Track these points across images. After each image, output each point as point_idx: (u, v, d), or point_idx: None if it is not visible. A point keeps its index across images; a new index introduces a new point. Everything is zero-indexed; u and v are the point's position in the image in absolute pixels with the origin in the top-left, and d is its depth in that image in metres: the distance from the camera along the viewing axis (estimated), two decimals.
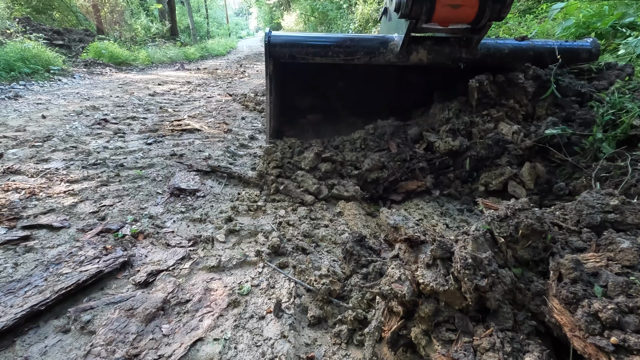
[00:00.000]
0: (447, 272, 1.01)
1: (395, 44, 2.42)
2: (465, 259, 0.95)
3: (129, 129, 3.78)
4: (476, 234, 1.02)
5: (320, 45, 2.41)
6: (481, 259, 0.96)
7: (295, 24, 21.99)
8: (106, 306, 1.35)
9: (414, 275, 1.06)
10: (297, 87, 3.05)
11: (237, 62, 13.12)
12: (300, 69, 2.60)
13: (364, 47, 2.43)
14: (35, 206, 2.05)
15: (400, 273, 1.09)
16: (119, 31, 15.02)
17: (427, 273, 1.03)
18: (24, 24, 10.11)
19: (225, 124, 4.14)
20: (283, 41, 2.39)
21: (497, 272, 0.96)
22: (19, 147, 3.01)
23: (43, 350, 1.17)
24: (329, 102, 3.27)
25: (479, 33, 2.28)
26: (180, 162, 2.84)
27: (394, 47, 2.41)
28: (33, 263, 1.58)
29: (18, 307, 1.29)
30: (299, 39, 2.44)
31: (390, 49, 2.42)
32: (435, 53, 2.42)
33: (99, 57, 9.91)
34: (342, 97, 3.24)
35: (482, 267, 0.96)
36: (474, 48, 2.42)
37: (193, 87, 6.91)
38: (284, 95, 2.90)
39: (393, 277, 1.10)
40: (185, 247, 1.74)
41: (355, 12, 13.42)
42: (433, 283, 0.99)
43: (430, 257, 1.06)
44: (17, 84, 5.98)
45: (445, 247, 1.03)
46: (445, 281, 0.98)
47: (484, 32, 2.27)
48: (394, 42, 2.44)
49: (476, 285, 0.92)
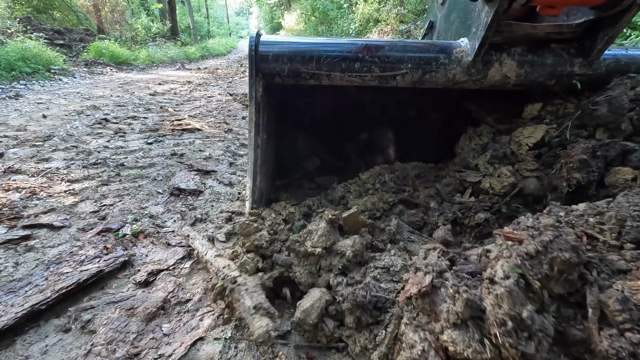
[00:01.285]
0: (480, 334, 0.81)
1: (463, 51, 1.54)
2: (504, 322, 0.76)
3: (129, 129, 3.78)
4: (510, 286, 0.80)
5: (338, 57, 1.53)
6: (523, 319, 0.78)
7: (296, 24, 21.98)
8: (107, 305, 1.35)
9: (439, 339, 0.86)
10: (300, 126, 2.26)
11: (238, 62, 13.12)
12: (303, 96, 1.94)
13: (412, 57, 1.54)
14: (36, 205, 2.05)
15: (420, 339, 0.89)
16: (119, 31, 15.03)
17: (456, 337, 0.83)
18: (25, 24, 10.12)
19: (225, 124, 4.14)
20: (279, 50, 1.53)
21: (542, 328, 0.78)
22: (20, 146, 3.01)
23: (44, 349, 1.17)
24: (347, 154, 2.37)
25: (606, 30, 1.43)
26: (181, 162, 2.84)
27: (461, 56, 1.53)
28: (34, 262, 1.58)
29: (19, 306, 1.29)
30: (305, 46, 1.56)
31: (456, 59, 1.54)
32: (530, 66, 1.55)
33: (100, 57, 9.92)
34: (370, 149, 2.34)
35: (525, 326, 0.78)
36: (596, 57, 1.53)
37: (193, 87, 6.92)
38: (281, 138, 2.11)
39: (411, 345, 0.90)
40: (185, 247, 1.74)
41: (355, 12, 13.41)
42: (468, 351, 0.80)
43: (457, 316, 0.84)
44: (17, 84, 5.99)
45: (475, 305, 0.83)
46: (481, 347, 0.79)
47: (619, 29, 1.41)
48: (460, 48, 1.55)
49: (522, 352, 0.75)
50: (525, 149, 1.65)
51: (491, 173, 1.68)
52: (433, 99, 2.17)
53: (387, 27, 10.21)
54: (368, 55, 1.54)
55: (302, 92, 2.06)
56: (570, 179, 1.43)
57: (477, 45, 1.45)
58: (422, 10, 8.77)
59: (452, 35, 1.74)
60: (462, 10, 1.65)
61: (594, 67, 1.56)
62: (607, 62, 1.59)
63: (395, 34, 9.23)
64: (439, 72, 1.57)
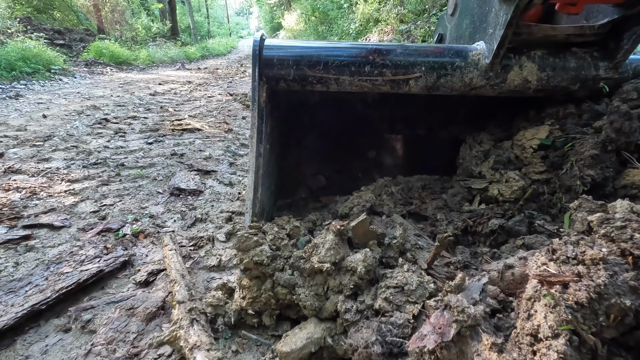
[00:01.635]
0: None
1: (479, 53, 1.48)
2: None
3: (129, 129, 3.78)
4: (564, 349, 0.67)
5: (347, 60, 1.48)
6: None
7: (296, 24, 21.98)
8: (107, 305, 1.35)
9: None
10: (304, 144, 2.16)
11: (238, 62, 13.13)
12: (307, 112, 1.88)
13: (426, 60, 1.48)
14: (36, 205, 2.05)
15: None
16: (119, 31, 15.04)
17: None
18: (25, 24, 10.13)
19: (226, 124, 4.14)
20: (284, 54, 1.49)
21: None
22: (20, 146, 3.02)
23: (44, 349, 1.17)
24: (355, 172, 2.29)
25: (633, 29, 1.34)
26: (181, 162, 2.84)
27: (478, 59, 1.47)
28: (34, 262, 1.58)
29: (19, 306, 1.29)
30: (311, 50, 1.51)
31: (473, 62, 1.47)
32: (552, 69, 1.48)
33: (100, 57, 9.93)
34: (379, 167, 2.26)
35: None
36: (622, 59, 1.45)
37: (194, 87, 6.92)
38: (284, 157, 2.00)
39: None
40: (185, 247, 1.74)
41: (356, 12, 13.41)
42: None
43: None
44: (18, 84, 5.99)
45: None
46: None
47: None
48: (477, 51, 1.49)
49: None
50: (530, 152, 1.60)
51: (498, 179, 1.61)
52: (444, 112, 2.10)
53: (388, 27, 10.20)
54: (379, 57, 1.48)
55: (306, 108, 2.01)
56: (583, 177, 1.35)
57: (495, 46, 1.37)
58: (422, 11, 8.76)
59: (465, 43, 1.71)
60: (477, 14, 1.61)
61: (621, 71, 1.48)
62: (634, 65, 1.50)
63: (396, 34, 9.23)
64: (454, 75, 1.50)
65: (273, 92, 1.58)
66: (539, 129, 1.63)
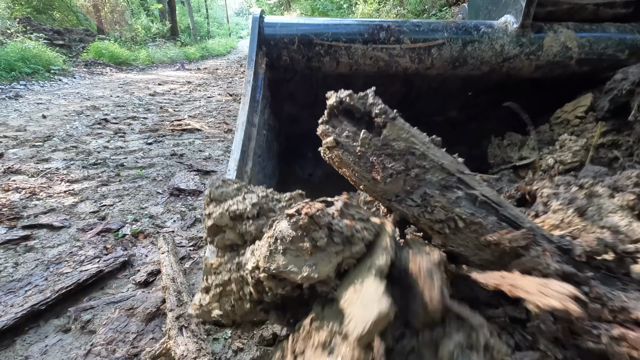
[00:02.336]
0: None
1: (506, 22, 1.36)
2: None
3: (129, 129, 3.78)
4: None
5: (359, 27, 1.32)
6: None
7: None
8: (106, 305, 1.35)
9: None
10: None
11: (238, 62, 13.13)
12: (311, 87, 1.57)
13: (449, 26, 1.32)
14: (36, 206, 2.05)
15: None
16: (119, 31, 15.04)
17: None
18: (25, 24, 10.12)
19: (225, 124, 4.14)
20: (289, 21, 1.37)
21: None
22: (20, 146, 3.02)
23: (43, 349, 1.17)
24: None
25: None
26: (181, 162, 2.84)
27: (506, 26, 1.34)
28: (33, 262, 1.58)
29: (18, 306, 1.29)
30: (319, 22, 1.39)
31: (500, 28, 1.33)
32: (591, 34, 1.31)
33: (100, 57, 9.92)
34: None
35: None
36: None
37: (193, 87, 6.92)
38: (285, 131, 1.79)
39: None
40: (185, 247, 1.74)
41: (355, 12, 13.43)
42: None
43: None
44: (17, 84, 5.99)
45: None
46: None
47: None
48: (502, 21, 1.37)
49: None
50: (577, 122, 1.44)
51: (549, 151, 1.37)
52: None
53: None
54: (395, 25, 1.31)
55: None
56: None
57: (523, 5, 1.22)
58: (422, 11, 8.77)
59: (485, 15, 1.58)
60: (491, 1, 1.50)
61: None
62: None
63: None
64: (482, 42, 1.31)
65: (274, 66, 1.34)
66: (579, 100, 1.49)
